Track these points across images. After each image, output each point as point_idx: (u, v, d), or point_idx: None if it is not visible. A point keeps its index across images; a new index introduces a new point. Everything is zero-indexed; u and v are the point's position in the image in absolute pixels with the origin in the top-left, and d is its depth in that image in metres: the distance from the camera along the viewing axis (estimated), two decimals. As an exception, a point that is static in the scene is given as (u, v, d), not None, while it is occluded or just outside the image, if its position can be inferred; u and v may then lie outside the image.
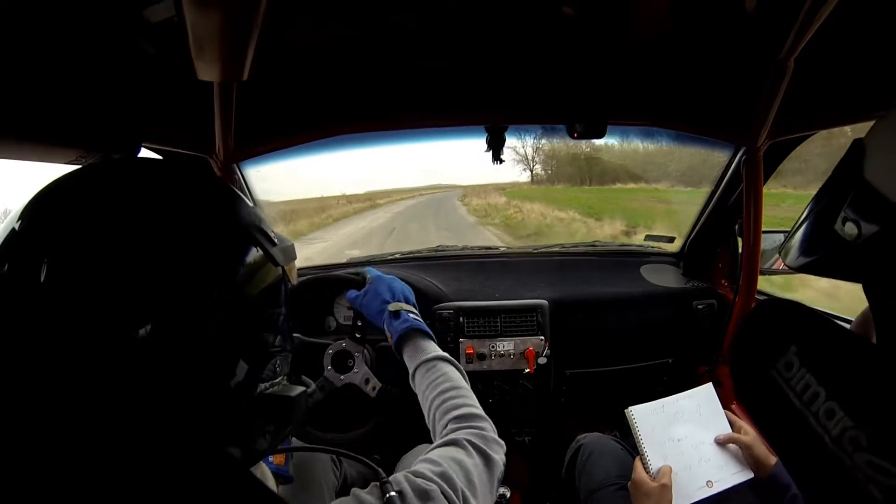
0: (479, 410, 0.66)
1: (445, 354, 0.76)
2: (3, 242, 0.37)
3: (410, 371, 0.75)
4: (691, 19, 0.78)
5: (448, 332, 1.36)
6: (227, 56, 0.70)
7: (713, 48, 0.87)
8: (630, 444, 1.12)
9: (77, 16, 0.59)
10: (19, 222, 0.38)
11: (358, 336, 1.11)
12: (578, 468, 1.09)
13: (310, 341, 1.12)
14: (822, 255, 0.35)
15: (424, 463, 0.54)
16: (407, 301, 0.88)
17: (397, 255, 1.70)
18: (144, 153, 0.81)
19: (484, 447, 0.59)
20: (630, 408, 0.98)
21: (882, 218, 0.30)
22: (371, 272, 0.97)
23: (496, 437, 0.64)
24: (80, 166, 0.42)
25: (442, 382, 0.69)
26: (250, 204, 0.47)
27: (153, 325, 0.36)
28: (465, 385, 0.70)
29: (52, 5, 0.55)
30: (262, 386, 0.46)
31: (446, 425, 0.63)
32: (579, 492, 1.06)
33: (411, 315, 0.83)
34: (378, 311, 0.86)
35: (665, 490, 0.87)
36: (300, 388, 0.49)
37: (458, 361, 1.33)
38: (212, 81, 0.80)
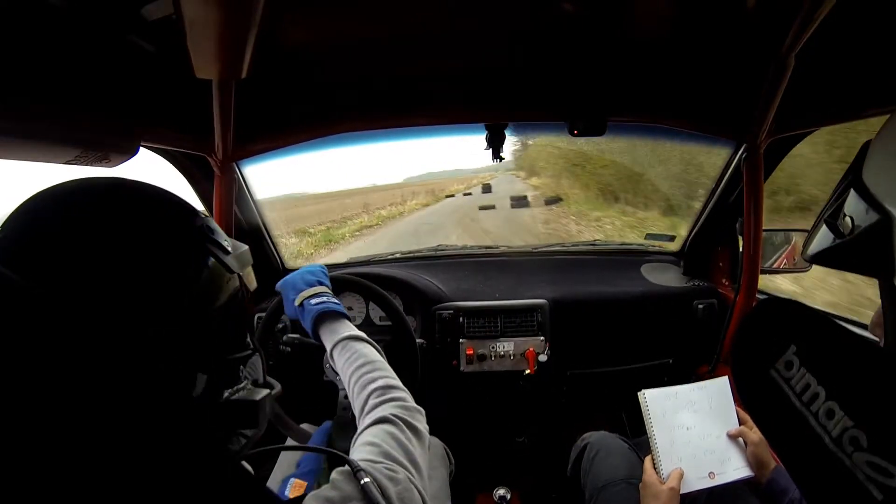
0: (396, 381, 0.68)
1: (359, 333, 0.77)
2: None
3: (328, 351, 0.76)
4: (691, 15, 0.78)
5: (448, 333, 1.36)
6: (226, 54, 0.70)
7: (713, 44, 0.86)
8: (636, 443, 1.12)
9: (75, 14, 0.59)
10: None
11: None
12: (584, 466, 1.09)
13: (308, 342, 1.12)
14: (827, 247, 0.37)
15: (369, 447, 0.56)
16: (320, 283, 0.85)
17: (397, 255, 1.70)
18: (143, 153, 0.81)
19: (410, 419, 0.62)
20: (643, 391, 0.98)
21: (872, 215, 0.33)
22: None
23: (415, 404, 0.66)
24: (49, 186, 0.43)
25: (357, 359, 0.71)
26: (204, 215, 0.48)
27: (110, 340, 0.37)
28: (379, 359, 0.72)
29: (50, 3, 0.55)
30: (227, 393, 0.47)
31: (367, 399, 0.65)
32: (585, 490, 1.06)
33: (324, 296, 0.82)
34: (295, 309, 0.83)
35: (674, 494, 0.87)
36: (264, 391, 0.51)
37: (459, 362, 1.35)
38: (210, 80, 0.80)
